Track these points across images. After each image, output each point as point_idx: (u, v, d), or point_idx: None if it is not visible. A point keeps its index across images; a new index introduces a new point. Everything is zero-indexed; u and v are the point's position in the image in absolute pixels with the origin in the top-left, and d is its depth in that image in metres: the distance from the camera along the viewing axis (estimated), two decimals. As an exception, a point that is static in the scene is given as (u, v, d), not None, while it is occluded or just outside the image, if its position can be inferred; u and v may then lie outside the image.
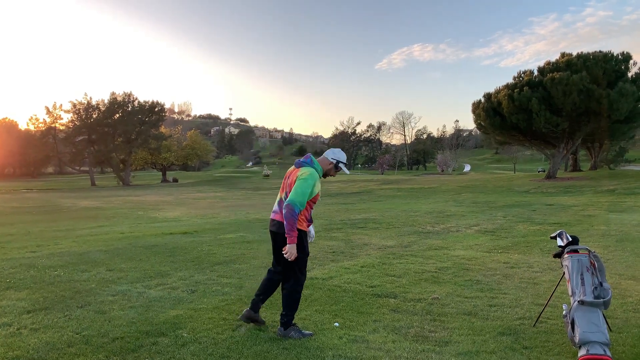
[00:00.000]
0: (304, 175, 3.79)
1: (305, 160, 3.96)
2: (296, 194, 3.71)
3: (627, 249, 7.87)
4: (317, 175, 3.88)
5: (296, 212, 3.67)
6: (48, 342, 3.66)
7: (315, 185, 3.82)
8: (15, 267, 6.64)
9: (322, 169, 3.98)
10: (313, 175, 3.82)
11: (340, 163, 4.04)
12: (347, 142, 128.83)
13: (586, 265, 3.61)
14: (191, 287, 5.47)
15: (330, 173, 4.06)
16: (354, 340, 3.76)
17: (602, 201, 17.84)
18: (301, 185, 3.74)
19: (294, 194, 3.72)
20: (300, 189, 3.72)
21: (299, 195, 3.70)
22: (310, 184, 3.76)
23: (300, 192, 3.72)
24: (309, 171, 3.84)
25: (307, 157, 3.98)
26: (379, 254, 7.72)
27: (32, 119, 59.48)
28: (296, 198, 3.69)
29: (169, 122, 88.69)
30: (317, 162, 3.98)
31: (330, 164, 4.02)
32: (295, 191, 3.72)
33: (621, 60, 31.49)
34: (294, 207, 3.67)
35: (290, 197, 3.71)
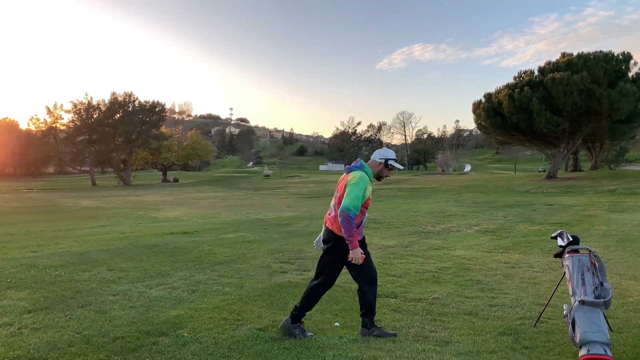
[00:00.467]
0: (354, 180, 3.75)
1: (355, 165, 3.92)
2: (349, 198, 3.67)
3: (628, 249, 7.87)
4: (368, 178, 3.82)
5: (352, 217, 3.63)
6: (49, 342, 3.66)
7: (367, 189, 3.76)
8: (16, 266, 6.64)
9: (372, 172, 3.91)
10: (364, 179, 3.77)
11: (390, 160, 3.94)
12: (347, 142, 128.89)
13: (587, 265, 3.61)
14: (192, 286, 5.47)
15: (383, 174, 3.97)
16: (354, 340, 3.76)
17: (602, 201, 17.83)
18: (353, 189, 3.70)
19: (347, 199, 3.68)
20: (352, 194, 3.68)
21: (352, 200, 3.66)
22: (362, 187, 3.71)
23: (353, 196, 3.67)
24: (359, 175, 3.78)
25: (357, 162, 3.94)
26: (380, 253, 7.72)
27: (33, 119, 59.60)
28: (350, 203, 3.65)
29: (169, 122, 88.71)
30: (367, 166, 3.91)
31: (379, 165, 3.94)
32: (348, 196, 3.68)
33: (622, 60, 31.47)
34: (349, 212, 3.62)
35: (344, 203, 3.67)
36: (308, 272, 6.24)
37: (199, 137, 73.64)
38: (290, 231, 10.76)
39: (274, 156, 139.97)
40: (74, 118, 55.10)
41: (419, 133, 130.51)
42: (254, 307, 4.63)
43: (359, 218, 3.81)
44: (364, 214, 3.86)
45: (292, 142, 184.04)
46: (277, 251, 7.98)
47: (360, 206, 3.74)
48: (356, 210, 3.66)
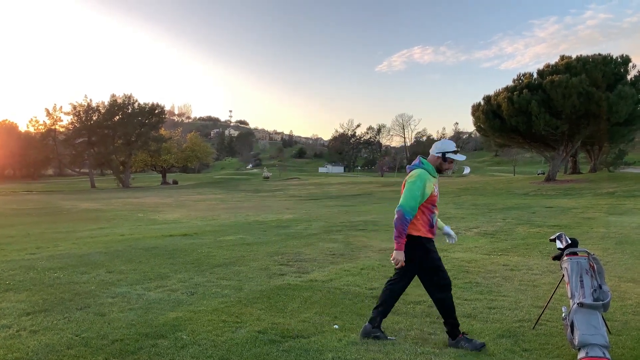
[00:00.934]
0: (411, 178, 3.67)
1: (415, 164, 3.83)
2: (405, 198, 3.59)
3: (627, 251, 7.87)
4: (427, 175, 3.69)
5: (406, 217, 3.55)
6: (47, 344, 3.66)
7: (426, 186, 3.64)
8: (15, 269, 6.64)
9: (432, 167, 3.78)
10: (421, 176, 3.65)
11: (447, 153, 3.76)
12: (346, 145, 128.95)
13: (585, 268, 3.62)
14: (191, 289, 5.47)
15: (443, 167, 3.82)
16: (353, 342, 3.75)
17: (601, 204, 17.85)
18: (410, 188, 3.62)
19: (402, 198, 3.61)
20: (409, 193, 3.60)
21: (407, 199, 3.58)
22: (419, 185, 3.61)
23: (409, 195, 3.59)
24: (417, 172, 3.69)
25: (416, 160, 3.84)
26: (379, 256, 7.72)
27: (32, 120, 59.56)
28: (405, 202, 3.57)
29: (169, 124, 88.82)
30: (427, 162, 3.79)
31: (437, 159, 3.80)
32: (404, 195, 3.61)
33: (620, 63, 31.55)
34: (404, 212, 3.55)
35: (400, 202, 3.60)
36: (307, 275, 6.24)
37: (199, 139, 73.61)
38: (289, 233, 10.76)
39: (273, 158, 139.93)
40: (74, 120, 55.07)
41: (418, 135, 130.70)
42: (253, 310, 4.63)
43: (428, 216, 3.74)
44: (433, 211, 3.77)
45: (291, 144, 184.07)
46: (276, 253, 7.98)
47: (424, 205, 3.67)
48: (412, 211, 3.58)
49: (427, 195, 3.66)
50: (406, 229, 3.59)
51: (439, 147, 3.81)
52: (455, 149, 3.78)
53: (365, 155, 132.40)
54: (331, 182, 48.05)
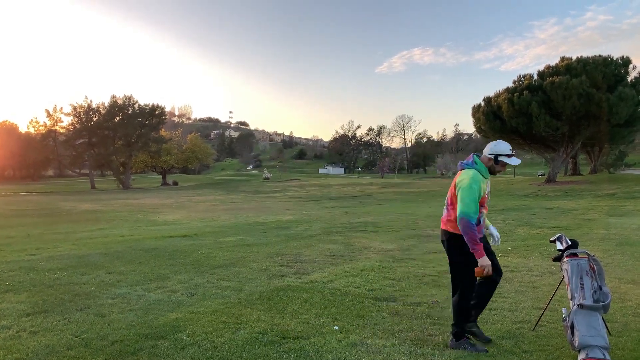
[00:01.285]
0: (464, 182, 3.54)
1: (467, 162, 3.71)
2: (464, 204, 3.48)
3: (627, 252, 7.86)
4: (479, 176, 3.58)
5: (472, 223, 3.45)
6: (47, 345, 3.66)
7: (480, 188, 3.55)
8: (15, 269, 6.64)
9: (485, 168, 3.66)
10: (475, 178, 3.54)
11: (500, 156, 3.62)
12: (347, 146, 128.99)
13: (585, 269, 3.61)
14: (191, 290, 5.47)
15: (495, 170, 3.68)
16: (353, 343, 3.75)
17: (601, 205, 17.84)
18: (466, 193, 3.51)
19: (461, 204, 3.50)
20: (466, 198, 3.49)
21: (466, 206, 3.47)
22: (474, 189, 3.50)
23: (468, 201, 3.48)
24: (469, 175, 3.57)
25: (469, 158, 3.72)
26: (379, 257, 7.72)
27: (33, 121, 59.58)
28: (466, 209, 3.46)
29: (169, 125, 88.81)
30: (480, 162, 3.67)
31: (489, 160, 3.66)
32: (462, 201, 3.50)
33: (621, 65, 31.55)
34: (469, 219, 3.44)
35: (459, 209, 3.50)
36: (307, 276, 6.24)
37: (199, 140, 73.64)
38: (289, 235, 10.75)
39: (273, 159, 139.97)
40: (74, 121, 55.12)
41: (419, 137, 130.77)
42: (253, 311, 4.63)
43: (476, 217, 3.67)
44: (481, 211, 3.67)
45: (291, 145, 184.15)
46: (277, 255, 7.98)
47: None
48: (475, 214, 3.48)
49: (480, 196, 3.59)
50: (477, 233, 3.49)
51: (493, 148, 3.67)
52: (509, 152, 3.64)
53: (365, 156, 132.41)
54: (331, 183, 48.05)
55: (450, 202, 3.75)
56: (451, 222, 3.70)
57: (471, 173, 3.58)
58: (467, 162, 3.71)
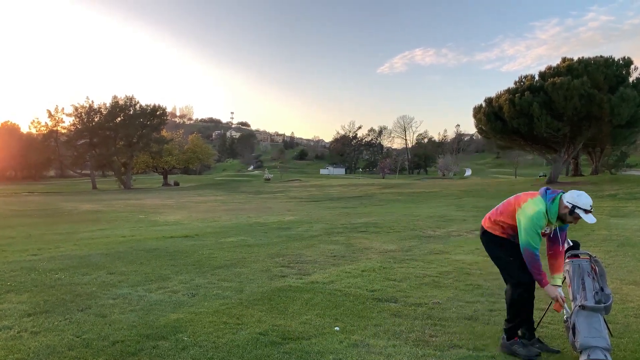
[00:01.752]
0: (530, 211, 3.46)
1: (551, 194, 3.55)
2: (526, 235, 3.44)
3: (629, 253, 7.85)
4: (546, 219, 3.47)
5: (536, 254, 3.43)
6: (48, 346, 3.66)
7: (542, 226, 3.48)
8: (16, 270, 6.64)
9: (557, 213, 3.49)
10: (540, 214, 3.44)
11: (577, 209, 3.41)
12: (348, 146, 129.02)
13: (587, 270, 3.61)
14: (192, 290, 5.47)
15: (566, 219, 3.50)
16: (354, 344, 3.75)
17: (603, 206, 17.81)
18: (528, 225, 3.45)
19: (523, 234, 3.46)
20: (529, 230, 3.44)
21: (530, 236, 3.44)
22: (538, 225, 3.44)
23: (532, 233, 3.44)
24: (537, 207, 3.46)
25: (556, 192, 3.55)
26: (380, 258, 7.71)
27: (34, 122, 59.50)
28: (529, 240, 3.44)
29: (170, 126, 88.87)
30: (557, 203, 3.48)
31: (565, 207, 3.46)
32: (526, 231, 3.45)
33: (622, 65, 31.52)
34: (533, 250, 3.43)
35: (522, 239, 3.47)
36: (308, 276, 6.24)
37: (200, 140, 73.67)
38: (290, 235, 10.75)
39: (274, 160, 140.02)
40: (75, 121, 55.14)
41: (420, 137, 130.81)
42: (254, 311, 4.63)
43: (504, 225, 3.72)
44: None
45: (292, 145, 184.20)
46: (278, 255, 7.98)
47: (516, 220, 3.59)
48: (536, 245, 3.44)
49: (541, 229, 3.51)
50: (541, 264, 3.47)
51: (574, 198, 3.45)
52: (588, 208, 3.43)
53: (366, 157, 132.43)
54: (332, 183, 48.03)
55: (501, 211, 3.76)
56: (488, 221, 3.83)
57: (541, 207, 3.47)
58: (550, 194, 3.55)
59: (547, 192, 3.57)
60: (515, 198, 3.70)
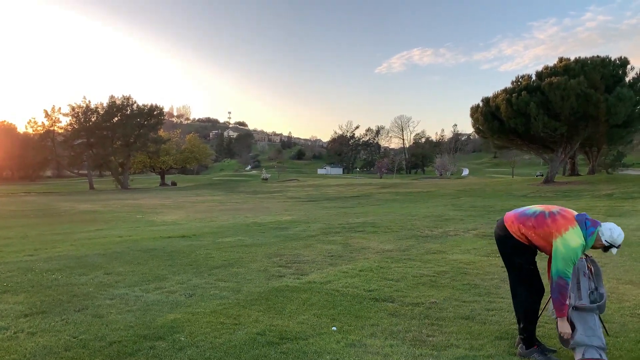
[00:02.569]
0: (573, 245, 3.37)
1: (587, 225, 3.49)
2: (563, 262, 3.37)
3: (625, 253, 7.88)
4: (584, 246, 3.44)
5: (568, 283, 3.38)
6: (45, 346, 3.65)
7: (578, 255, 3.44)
8: (13, 270, 6.63)
9: (592, 245, 3.49)
10: (581, 249, 3.41)
11: (612, 248, 3.47)
12: (345, 146, 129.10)
13: (583, 270, 3.63)
14: (189, 290, 5.46)
15: (596, 246, 3.52)
16: (351, 344, 3.76)
17: (600, 205, 17.87)
18: (569, 256, 3.37)
19: (562, 263, 3.37)
20: (568, 260, 3.38)
21: (567, 266, 3.37)
22: (577, 257, 3.40)
23: (569, 263, 3.38)
24: (579, 242, 3.39)
25: (596, 224, 3.50)
26: (377, 257, 7.72)
27: (31, 122, 59.39)
28: (566, 269, 3.37)
29: (168, 126, 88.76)
30: (595, 238, 3.46)
31: (601, 244, 3.48)
32: (565, 261, 3.37)
33: (619, 65, 31.64)
34: (566, 279, 3.37)
35: (558, 267, 3.38)
36: (305, 276, 6.24)
37: (197, 140, 73.60)
38: (288, 235, 10.75)
39: (272, 160, 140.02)
40: (72, 121, 55.00)
41: (417, 137, 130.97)
42: (251, 311, 4.63)
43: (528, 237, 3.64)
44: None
45: (290, 145, 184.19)
46: (275, 255, 7.98)
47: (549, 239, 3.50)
48: (570, 275, 3.40)
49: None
50: (568, 297, 3.42)
51: (613, 238, 3.47)
52: (619, 245, 3.50)
53: (364, 156, 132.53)
54: (330, 183, 48.05)
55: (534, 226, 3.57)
56: (517, 229, 3.64)
57: (582, 241, 3.43)
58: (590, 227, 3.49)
59: (586, 224, 3.50)
60: (553, 221, 3.51)
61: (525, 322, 3.61)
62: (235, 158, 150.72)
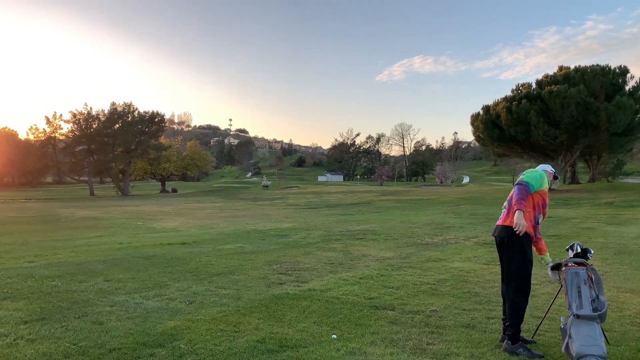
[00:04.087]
0: (529, 170, 3.95)
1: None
2: (527, 177, 3.81)
3: (625, 261, 7.87)
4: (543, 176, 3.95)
5: (529, 189, 3.75)
6: (45, 353, 3.65)
7: (544, 182, 3.91)
8: (13, 277, 6.62)
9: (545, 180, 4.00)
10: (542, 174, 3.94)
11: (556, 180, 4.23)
12: (346, 153, 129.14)
13: (584, 278, 3.63)
14: (189, 298, 5.46)
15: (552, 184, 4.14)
16: (351, 352, 3.75)
17: (600, 214, 17.86)
18: (532, 171, 3.89)
19: (524, 176, 3.82)
20: (531, 174, 3.85)
21: (530, 178, 3.80)
22: (539, 172, 3.90)
23: (532, 175, 3.83)
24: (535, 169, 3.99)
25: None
26: (378, 265, 7.71)
27: (32, 128, 59.57)
28: (528, 179, 3.79)
29: (168, 133, 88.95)
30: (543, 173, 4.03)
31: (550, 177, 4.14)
32: (527, 175, 3.84)
33: (619, 74, 31.79)
34: (528, 185, 3.76)
35: (521, 178, 3.82)
36: (305, 284, 6.23)
37: (198, 147, 73.72)
38: (288, 242, 10.75)
39: (272, 167, 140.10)
40: (73, 128, 55.17)
41: (418, 145, 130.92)
42: (251, 319, 4.62)
43: (536, 214, 3.94)
44: (540, 212, 3.99)
45: (291, 152, 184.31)
46: (275, 262, 7.97)
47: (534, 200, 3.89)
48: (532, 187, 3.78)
49: (542, 187, 3.91)
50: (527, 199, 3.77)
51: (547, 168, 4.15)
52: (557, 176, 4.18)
53: (364, 164, 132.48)
54: (330, 190, 48.05)
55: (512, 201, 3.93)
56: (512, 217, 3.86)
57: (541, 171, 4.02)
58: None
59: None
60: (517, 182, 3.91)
61: (518, 321, 3.81)
62: (236, 165, 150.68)
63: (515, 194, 3.78)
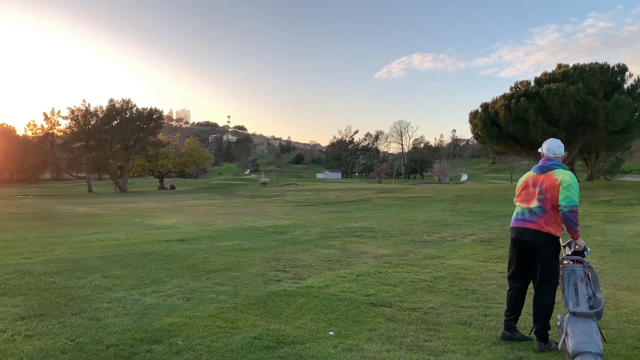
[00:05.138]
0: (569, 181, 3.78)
1: (555, 163, 3.97)
2: (573, 195, 3.73)
3: (623, 259, 7.89)
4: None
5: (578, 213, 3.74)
6: (42, 349, 3.65)
7: None
8: (10, 273, 6.62)
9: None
10: (575, 179, 3.84)
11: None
12: (344, 151, 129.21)
13: (580, 276, 3.64)
14: (186, 294, 5.46)
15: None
16: (348, 349, 3.75)
17: (598, 212, 17.89)
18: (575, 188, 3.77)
19: (574, 195, 3.73)
20: (575, 191, 3.75)
21: (575, 197, 3.74)
22: (574, 178, 3.82)
23: (576, 194, 3.76)
24: (570, 175, 3.84)
25: (550, 160, 3.98)
26: (375, 262, 7.72)
27: (30, 125, 59.49)
28: (576, 199, 3.73)
29: (167, 129, 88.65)
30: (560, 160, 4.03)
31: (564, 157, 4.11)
32: (572, 193, 3.73)
33: (617, 72, 31.81)
34: (576, 206, 3.73)
35: (572, 199, 3.71)
36: (303, 281, 6.24)
37: (196, 144, 73.73)
38: (286, 239, 10.75)
39: (271, 164, 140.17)
40: (71, 124, 55.03)
41: (416, 142, 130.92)
42: (248, 316, 4.62)
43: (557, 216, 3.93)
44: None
45: (289, 150, 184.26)
46: (273, 259, 7.98)
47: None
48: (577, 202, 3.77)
49: None
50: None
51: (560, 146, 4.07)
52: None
53: (363, 161, 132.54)
54: (329, 188, 48.07)
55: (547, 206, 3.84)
56: (551, 225, 3.84)
57: (571, 173, 3.88)
58: (555, 163, 3.97)
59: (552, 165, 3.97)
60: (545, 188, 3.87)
61: (546, 323, 3.82)
62: (234, 162, 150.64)
63: (570, 219, 3.70)
